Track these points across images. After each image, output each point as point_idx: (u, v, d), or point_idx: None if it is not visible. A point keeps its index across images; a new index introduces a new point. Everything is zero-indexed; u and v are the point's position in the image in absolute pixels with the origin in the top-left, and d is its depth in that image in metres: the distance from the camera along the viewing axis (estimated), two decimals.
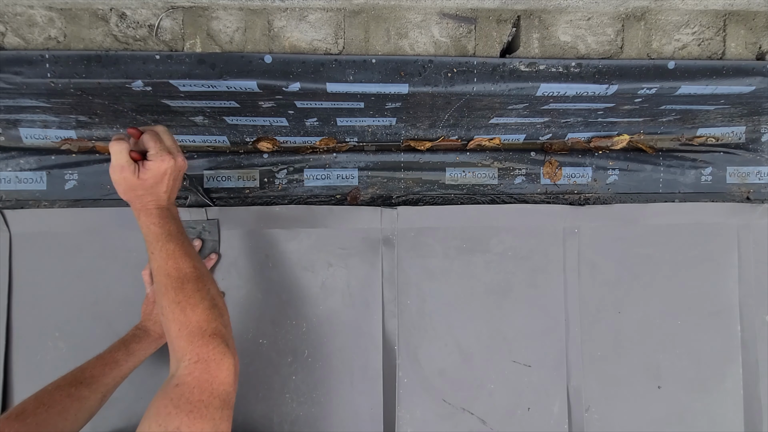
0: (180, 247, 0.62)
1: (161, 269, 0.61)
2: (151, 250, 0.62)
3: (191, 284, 0.60)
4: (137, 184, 0.61)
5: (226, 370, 0.54)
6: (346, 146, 0.89)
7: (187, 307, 0.58)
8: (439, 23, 0.63)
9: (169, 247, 0.61)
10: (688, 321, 0.90)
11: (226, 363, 0.55)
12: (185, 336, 0.56)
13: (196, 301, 0.58)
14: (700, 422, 0.89)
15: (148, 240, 0.63)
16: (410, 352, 0.86)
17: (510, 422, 0.86)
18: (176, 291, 0.59)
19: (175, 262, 0.61)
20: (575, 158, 0.90)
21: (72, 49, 0.60)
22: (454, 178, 0.90)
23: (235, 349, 0.58)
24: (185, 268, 0.60)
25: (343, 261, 0.85)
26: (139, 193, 0.62)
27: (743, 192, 0.93)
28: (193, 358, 0.54)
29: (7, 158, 0.83)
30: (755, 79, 0.65)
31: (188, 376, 0.53)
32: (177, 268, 0.60)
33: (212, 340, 0.56)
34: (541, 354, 0.87)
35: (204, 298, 0.59)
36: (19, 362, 0.81)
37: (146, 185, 0.62)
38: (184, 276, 0.60)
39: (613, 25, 0.65)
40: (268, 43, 0.62)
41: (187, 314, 0.57)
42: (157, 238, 0.62)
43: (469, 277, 0.87)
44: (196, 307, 0.58)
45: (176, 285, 0.59)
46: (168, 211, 0.64)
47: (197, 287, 0.60)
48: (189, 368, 0.54)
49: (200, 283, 0.60)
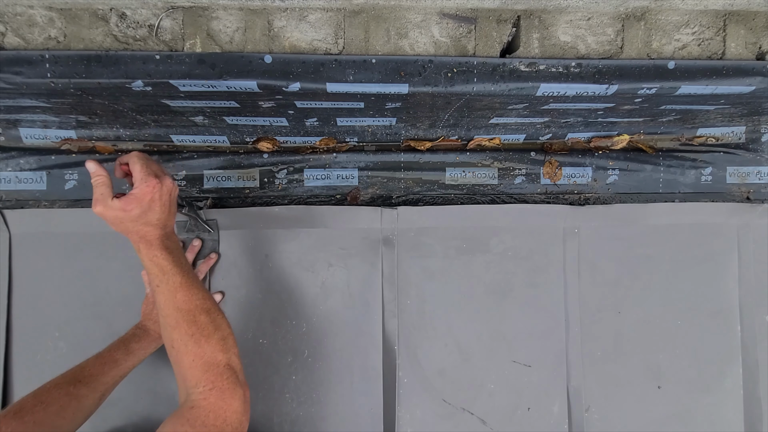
0: (187, 279, 0.60)
1: (169, 303, 0.59)
2: (156, 283, 0.60)
3: (203, 316, 0.59)
4: (123, 216, 0.58)
5: (238, 399, 0.56)
6: (346, 146, 0.89)
7: (201, 339, 0.58)
8: (439, 23, 0.63)
9: (175, 279, 0.60)
10: (688, 321, 0.90)
11: (238, 393, 0.56)
12: (200, 366, 0.57)
13: (210, 333, 0.59)
14: (700, 422, 0.89)
15: (152, 273, 0.61)
16: (410, 352, 0.86)
17: (510, 422, 0.86)
18: (189, 324, 0.58)
19: (185, 294, 0.60)
20: (575, 158, 0.90)
21: (72, 49, 0.60)
22: (454, 178, 0.90)
23: (245, 382, 0.59)
24: (196, 300, 0.60)
25: (343, 261, 0.85)
26: (129, 226, 0.59)
27: (743, 192, 0.93)
28: (207, 385, 0.56)
29: (7, 158, 0.83)
30: (755, 79, 0.65)
31: (203, 401, 0.55)
32: (187, 301, 0.59)
33: (226, 371, 0.57)
34: (541, 354, 0.87)
35: (217, 329, 0.59)
36: (19, 362, 0.81)
37: (133, 215, 0.58)
38: (196, 308, 0.59)
39: (613, 25, 0.65)
40: (268, 43, 0.62)
41: (202, 346, 0.58)
42: (162, 271, 0.60)
43: (469, 277, 0.87)
44: (209, 339, 0.58)
45: (188, 318, 0.59)
46: (167, 239, 0.61)
47: (210, 319, 0.60)
48: (204, 394, 0.55)
49: (212, 315, 0.60)
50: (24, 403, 0.59)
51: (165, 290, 0.60)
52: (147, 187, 0.59)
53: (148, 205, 0.59)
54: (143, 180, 0.59)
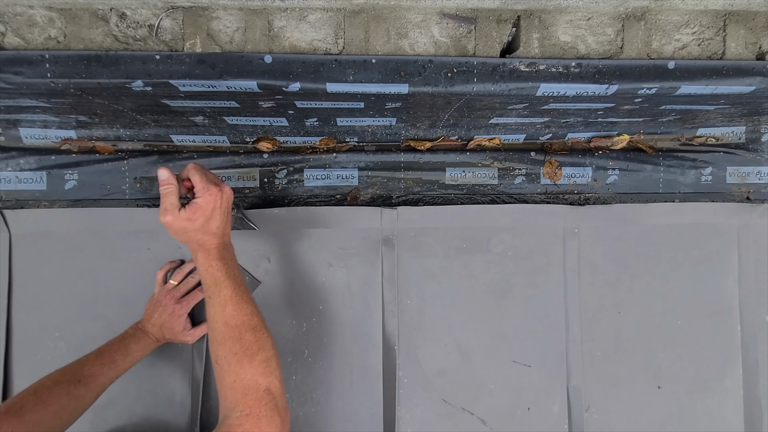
0: (237, 293, 0.60)
1: (218, 316, 0.59)
2: (209, 294, 0.61)
3: (249, 334, 0.59)
4: (188, 225, 0.59)
5: (274, 428, 0.55)
6: (346, 146, 0.89)
7: (244, 359, 0.57)
8: (439, 23, 0.63)
9: (226, 292, 0.60)
10: (688, 321, 0.90)
11: (275, 422, 0.55)
12: (240, 389, 0.56)
13: (253, 353, 0.58)
14: (700, 422, 0.89)
15: (206, 283, 0.61)
16: (410, 352, 0.86)
17: (510, 422, 0.86)
18: (234, 341, 0.58)
19: (234, 309, 0.59)
20: (575, 158, 0.90)
21: (72, 49, 0.60)
22: (454, 178, 0.90)
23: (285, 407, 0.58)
24: (243, 317, 0.60)
25: (343, 261, 0.85)
26: (192, 235, 0.60)
27: (743, 192, 0.93)
28: (245, 410, 0.55)
29: (7, 158, 0.83)
30: (755, 79, 0.65)
31: (238, 427, 0.54)
32: (235, 316, 0.59)
33: (265, 396, 0.56)
34: (541, 354, 0.87)
35: (261, 350, 0.59)
36: (19, 362, 0.81)
37: (197, 225, 0.59)
38: (242, 325, 0.59)
39: (613, 25, 0.65)
40: (268, 43, 0.62)
41: (244, 366, 0.57)
42: (216, 282, 0.60)
43: (469, 277, 0.87)
44: (252, 360, 0.57)
45: (234, 335, 0.58)
46: (225, 250, 0.62)
47: (255, 338, 0.59)
48: (240, 420, 0.54)
49: (258, 333, 0.60)
50: (24, 402, 0.59)
51: (215, 302, 0.60)
52: (210, 196, 0.60)
53: (210, 214, 0.60)
54: (205, 189, 0.60)
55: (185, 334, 0.77)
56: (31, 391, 0.61)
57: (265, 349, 0.59)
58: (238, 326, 0.59)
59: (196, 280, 0.80)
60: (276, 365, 0.60)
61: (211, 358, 0.61)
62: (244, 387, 0.56)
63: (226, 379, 0.57)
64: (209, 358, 0.83)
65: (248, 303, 0.61)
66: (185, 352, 0.82)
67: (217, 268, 0.61)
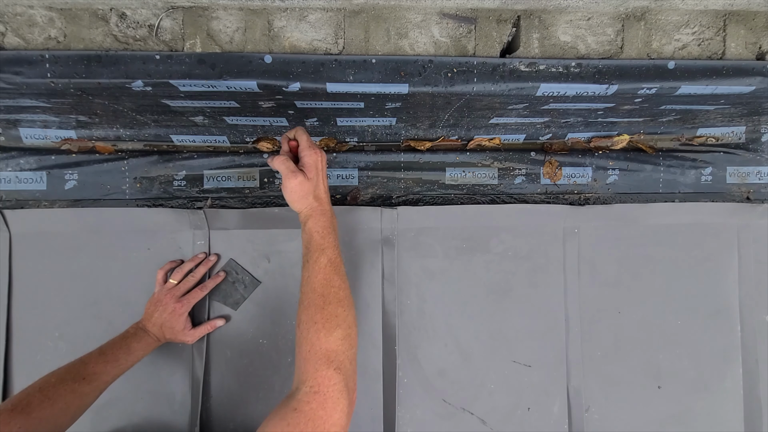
0: (332, 263, 0.62)
1: (309, 281, 0.61)
2: (306, 259, 0.63)
3: (333, 306, 0.59)
4: (308, 186, 0.63)
5: (340, 411, 0.54)
6: (346, 146, 0.89)
7: (321, 331, 0.58)
8: (439, 23, 0.63)
9: (323, 260, 0.61)
10: (688, 321, 0.90)
11: (342, 404, 0.55)
12: (311, 361, 0.56)
13: (332, 327, 0.58)
14: (700, 422, 0.89)
15: (307, 248, 0.63)
16: (410, 352, 0.86)
17: (510, 422, 0.86)
18: (316, 309, 0.59)
19: (325, 277, 0.61)
20: (575, 158, 0.90)
21: (72, 49, 0.60)
22: (454, 178, 0.90)
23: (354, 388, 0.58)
24: (332, 287, 0.60)
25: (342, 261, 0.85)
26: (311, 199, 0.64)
27: (743, 192, 0.93)
28: (314, 387, 0.55)
29: (7, 158, 0.83)
30: (755, 79, 0.65)
31: (306, 405, 0.54)
32: (324, 285, 0.60)
33: (335, 374, 0.56)
34: (541, 354, 0.87)
35: (340, 326, 0.59)
36: (19, 362, 0.81)
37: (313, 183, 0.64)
38: (329, 295, 0.60)
39: (613, 25, 0.65)
40: (268, 43, 0.62)
41: (320, 338, 0.57)
42: (316, 248, 0.62)
43: (469, 277, 0.87)
44: (330, 333, 0.58)
45: (319, 303, 0.59)
46: (331, 218, 0.65)
47: (337, 311, 0.59)
48: (308, 396, 0.54)
49: (341, 308, 0.60)
50: (31, 399, 0.59)
51: (310, 267, 0.61)
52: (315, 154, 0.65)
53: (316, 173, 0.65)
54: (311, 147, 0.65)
55: (185, 334, 0.77)
56: (36, 388, 0.61)
57: (344, 326, 0.59)
58: (324, 295, 0.60)
59: (196, 279, 0.80)
60: (352, 344, 0.60)
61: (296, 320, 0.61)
62: (317, 361, 0.56)
63: (303, 346, 0.58)
64: (209, 358, 0.83)
65: (339, 276, 0.62)
66: (185, 352, 0.82)
67: (323, 234, 0.63)
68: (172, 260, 0.82)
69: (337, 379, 0.56)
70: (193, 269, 0.81)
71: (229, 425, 0.82)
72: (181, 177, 0.85)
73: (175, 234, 0.83)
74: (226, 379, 0.83)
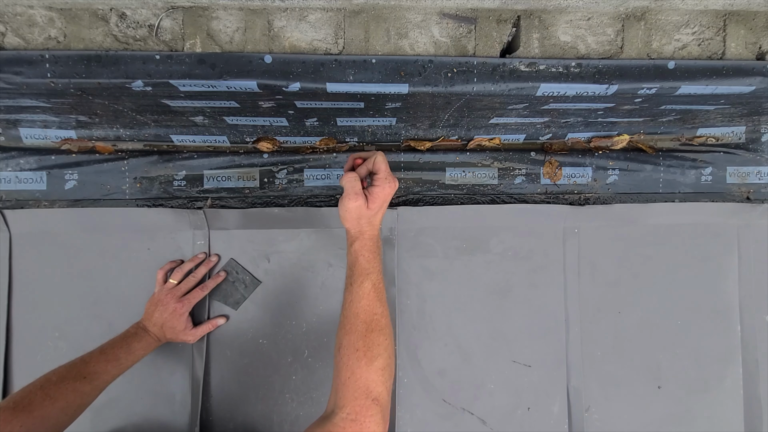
0: (376, 289, 0.61)
1: (352, 306, 0.60)
2: (350, 282, 0.62)
3: (375, 335, 0.58)
4: (365, 212, 0.62)
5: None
6: (346, 146, 0.89)
7: (362, 359, 0.57)
8: (439, 23, 0.63)
9: (367, 285, 0.61)
10: (688, 321, 0.90)
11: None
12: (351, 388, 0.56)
13: (374, 356, 0.57)
14: (700, 422, 0.89)
15: (352, 270, 0.62)
16: (410, 352, 0.86)
17: (510, 422, 0.86)
18: (359, 336, 0.58)
19: (368, 303, 0.60)
20: (575, 158, 0.90)
21: (72, 49, 0.60)
22: (454, 178, 0.90)
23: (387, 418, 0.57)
24: (375, 314, 0.60)
25: (343, 261, 0.85)
26: (362, 222, 0.63)
27: (743, 192, 0.93)
28: (351, 415, 0.54)
29: (7, 158, 0.83)
30: (755, 79, 0.65)
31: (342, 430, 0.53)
32: (368, 312, 0.59)
33: (373, 406, 0.55)
34: (541, 354, 0.87)
35: (381, 355, 0.58)
36: (19, 362, 0.81)
37: (372, 212, 0.62)
38: (372, 322, 0.59)
39: (613, 25, 0.65)
40: (268, 43, 0.62)
41: (361, 367, 0.57)
42: (361, 272, 0.61)
43: (469, 277, 0.87)
44: (371, 363, 0.57)
45: (362, 329, 0.58)
46: (378, 243, 0.64)
47: (379, 340, 0.59)
48: (344, 423, 0.54)
49: (382, 336, 0.59)
50: (33, 397, 0.59)
51: (354, 291, 0.60)
52: (389, 188, 0.63)
53: (381, 204, 0.63)
54: (387, 180, 0.63)
55: (186, 334, 0.77)
56: (38, 386, 0.61)
57: (385, 356, 0.58)
58: (367, 322, 0.59)
59: (197, 279, 0.80)
60: (390, 374, 0.59)
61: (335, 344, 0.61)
62: (356, 389, 0.55)
63: (342, 373, 0.57)
64: (209, 357, 0.83)
65: (382, 304, 0.61)
66: (185, 352, 0.82)
67: (367, 259, 0.62)
68: (172, 260, 0.82)
69: (375, 411, 0.55)
70: (193, 269, 0.81)
71: (229, 425, 0.82)
72: (181, 177, 0.85)
73: (175, 234, 0.84)
74: (226, 379, 0.83)
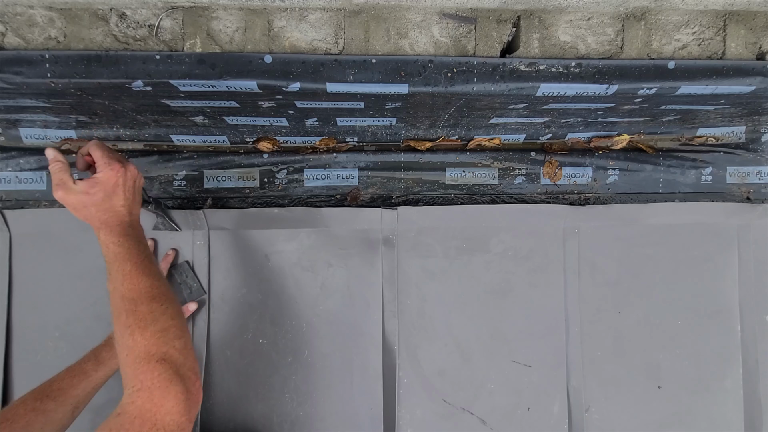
0: (138, 267, 0.58)
1: (117, 291, 0.57)
2: (109, 270, 0.58)
3: (145, 306, 0.56)
4: (87, 200, 0.58)
5: (173, 398, 0.50)
6: (346, 146, 0.89)
7: (135, 331, 0.54)
8: (439, 23, 0.63)
9: (126, 267, 0.57)
10: (688, 321, 0.90)
11: (173, 391, 0.50)
12: (131, 363, 0.52)
13: (146, 324, 0.54)
14: (700, 422, 0.89)
15: (107, 260, 0.59)
16: (410, 352, 0.86)
17: (510, 422, 0.86)
18: (128, 314, 0.55)
19: (131, 282, 0.57)
20: (575, 158, 0.90)
21: (72, 49, 0.60)
22: (454, 178, 0.90)
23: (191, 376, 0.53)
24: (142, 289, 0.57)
25: (343, 261, 0.85)
26: (92, 211, 0.59)
27: (743, 192, 0.93)
28: (136, 385, 0.50)
29: (7, 158, 0.83)
30: (755, 79, 0.65)
31: (130, 405, 0.49)
32: (132, 289, 0.56)
33: (158, 366, 0.51)
34: (541, 354, 0.87)
35: (155, 320, 0.55)
36: (19, 362, 0.81)
37: (97, 199, 0.58)
38: (139, 297, 0.56)
39: (613, 25, 0.65)
40: (268, 43, 0.62)
41: (135, 338, 0.53)
42: (116, 258, 0.58)
43: (469, 277, 0.87)
44: (145, 331, 0.54)
45: (129, 307, 0.55)
46: (130, 227, 0.60)
47: (150, 309, 0.56)
48: (132, 397, 0.50)
49: (155, 304, 0.56)
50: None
51: (114, 278, 0.57)
52: (111, 171, 0.59)
53: (112, 190, 0.59)
54: (107, 164, 0.59)
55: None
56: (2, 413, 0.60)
57: (162, 319, 0.55)
58: (134, 299, 0.56)
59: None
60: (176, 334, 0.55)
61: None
62: (134, 360, 0.52)
63: (121, 355, 0.54)
64: (209, 358, 0.83)
65: (149, 276, 0.58)
66: None
67: (119, 244, 0.58)
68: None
69: (161, 369, 0.51)
70: None
71: (229, 425, 0.82)
72: (181, 177, 0.85)
73: (175, 234, 0.83)
74: (226, 379, 0.83)
